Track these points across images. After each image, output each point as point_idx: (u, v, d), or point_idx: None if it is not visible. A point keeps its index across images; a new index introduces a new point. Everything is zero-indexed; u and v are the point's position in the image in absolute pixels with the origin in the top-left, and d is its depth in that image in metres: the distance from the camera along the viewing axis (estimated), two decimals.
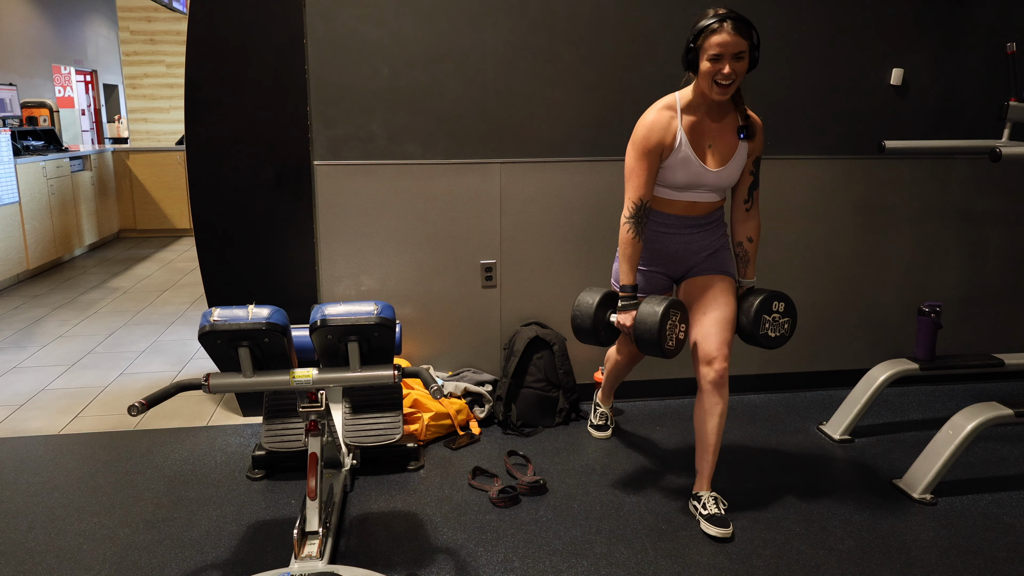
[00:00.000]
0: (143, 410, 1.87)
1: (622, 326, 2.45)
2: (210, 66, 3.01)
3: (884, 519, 2.51)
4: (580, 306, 2.52)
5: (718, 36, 2.18)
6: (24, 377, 3.83)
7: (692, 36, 2.24)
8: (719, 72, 2.20)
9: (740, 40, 2.19)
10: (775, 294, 2.49)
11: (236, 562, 2.25)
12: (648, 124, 2.34)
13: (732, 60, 2.20)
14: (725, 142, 2.39)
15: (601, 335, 2.53)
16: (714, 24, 2.18)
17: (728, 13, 2.19)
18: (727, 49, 2.18)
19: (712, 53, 2.19)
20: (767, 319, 2.45)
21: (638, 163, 2.35)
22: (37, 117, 7.43)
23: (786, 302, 2.49)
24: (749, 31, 2.21)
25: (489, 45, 3.15)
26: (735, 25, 2.18)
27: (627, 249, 2.41)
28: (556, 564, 2.25)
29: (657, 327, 2.29)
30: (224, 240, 3.16)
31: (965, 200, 3.62)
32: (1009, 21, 3.45)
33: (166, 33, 9.15)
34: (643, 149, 2.34)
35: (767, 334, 2.47)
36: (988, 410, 2.60)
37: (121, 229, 8.01)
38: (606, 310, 2.51)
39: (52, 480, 2.75)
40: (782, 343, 2.51)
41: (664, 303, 2.33)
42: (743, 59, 2.22)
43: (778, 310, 2.47)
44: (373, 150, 3.17)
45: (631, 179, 2.38)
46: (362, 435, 2.64)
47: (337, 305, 2.02)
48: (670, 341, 2.34)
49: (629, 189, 2.39)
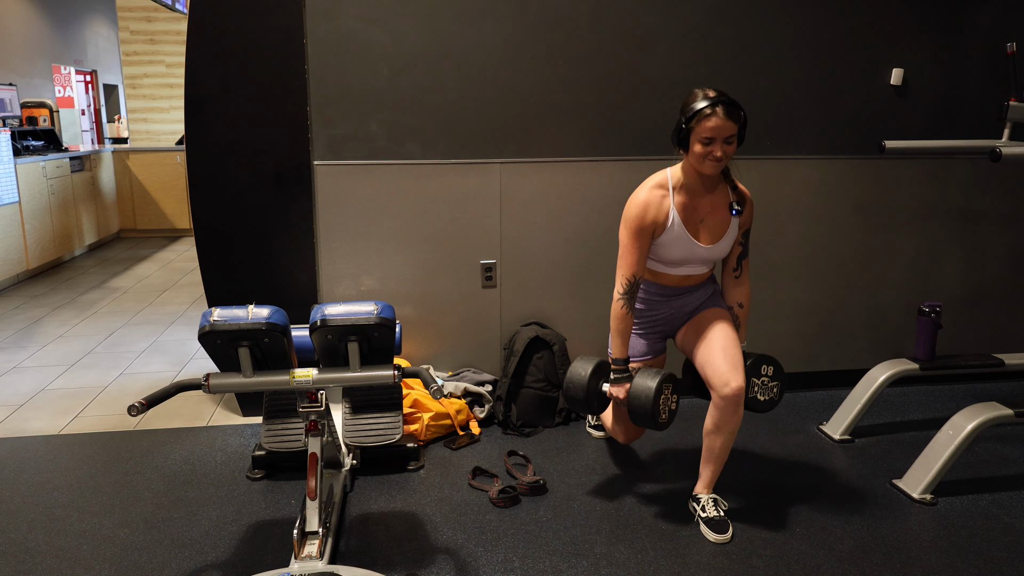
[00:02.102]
0: (143, 410, 1.87)
1: (615, 398, 2.50)
2: (210, 66, 3.01)
3: (884, 519, 2.51)
4: (573, 378, 2.54)
5: (711, 121, 2.23)
6: (24, 377, 3.83)
7: (684, 118, 2.28)
8: (711, 154, 2.26)
9: (731, 124, 2.24)
10: (764, 358, 2.51)
11: (236, 562, 2.25)
12: (641, 204, 2.38)
13: (723, 143, 2.26)
14: (717, 218, 2.44)
15: (594, 405, 2.57)
16: (707, 109, 2.23)
17: (719, 97, 2.23)
18: (719, 133, 2.24)
19: (705, 136, 2.25)
20: (756, 383, 2.48)
21: (631, 242, 2.40)
22: (37, 117, 7.43)
23: (775, 366, 2.52)
24: (739, 114, 2.26)
25: (489, 45, 3.15)
26: (727, 110, 2.23)
27: (620, 324, 2.46)
28: (556, 564, 2.25)
29: (651, 403, 2.34)
30: (224, 240, 3.16)
31: (965, 200, 3.62)
32: (1009, 21, 3.45)
33: (166, 33, 9.15)
34: (636, 228, 2.39)
35: (756, 397, 2.50)
36: (988, 410, 2.60)
37: (121, 229, 8.01)
38: (598, 380, 2.55)
39: (52, 480, 2.75)
40: (771, 407, 2.52)
41: (657, 377, 2.37)
42: (732, 142, 2.28)
43: (767, 373, 2.50)
44: (373, 150, 3.17)
45: (624, 257, 2.43)
46: (362, 435, 2.64)
47: (337, 305, 2.02)
48: (663, 415, 2.41)
49: (623, 266, 2.43)
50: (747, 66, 3.31)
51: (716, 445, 2.43)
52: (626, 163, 3.32)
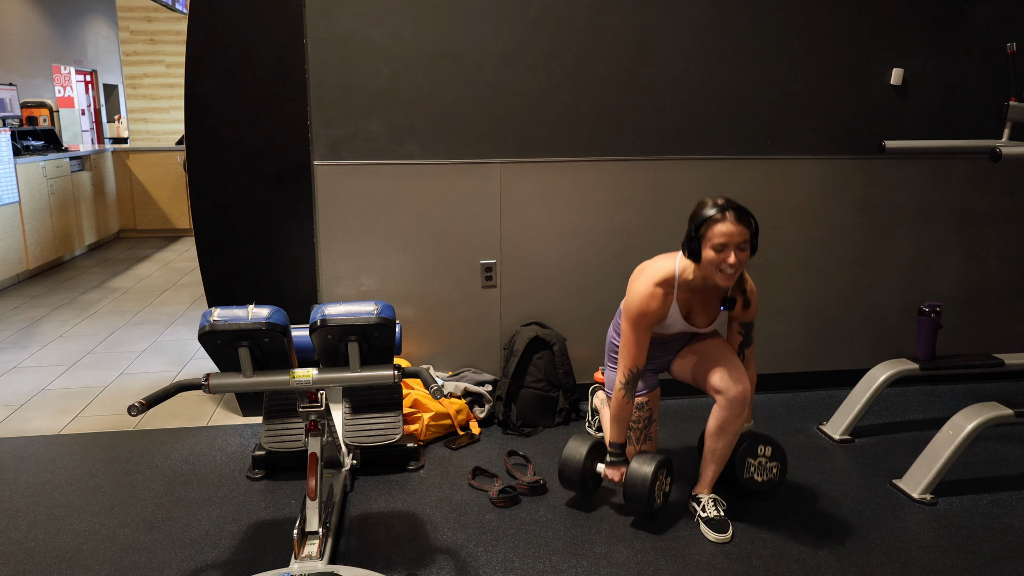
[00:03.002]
0: (143, 410, 1.87)
1: (610, 480, 2.51)
2: (210, 66, 3.01)
3: (884, 519, 2.51)
4: (568, 458, 2.54)
5: (722, 226, 2.20)
6: (24, 377, 3.84)
7: (695, 226, 2.25)
8: (724, 261, 2.22)
9: (743, 229, 2.21)
10: (761, 437, 2.52)
11: (236, 562, 2.25)
12: (644, 301, 2.37)
13: (736, 250, 2.22)
14: (713, 305, 2.46)
15: (589, 486, 2.57)
16: (717, 215, 2.21)
17: (728, 203, 2.22)
18: (732, 239, 2.20)
19: (717, 242, 2.21)
20: (752, 463, 2.49)
21: (633, 334, 2.40)
22: (37, 117, 7.43)
23: (773, 446, 2.52)
24: (749, 219, 2.24)
25: (489, 45, 3.15)
26: (737, 215, 2.21)
27: (621, 412, 2.48)
28: (556, 564, 2.25)
29: (647, 490, 2.36)
30: (224, 240, 3.16)
31: (965, 200, 3.62)
32: (1009, 21, 3.45)
33: (166, 33, 9.14)
34: (639, 323, 2.39)
35: (752, 478, 2.50)
36: (988, 410, 2.60)
37: (121, 229, 8.01)
38: (594, 461, 2.56)
39: (52, 480, 2.75)
40: (771, 488, 2.53)
41: (653, 463, 2.38)
42: (746, 249, 2.24)
43: (764, 454, 2.51)
44: (373, 150, 3.17)
45: (628, 348, 2.42)
46: (362, 435, 2.64)
47: (337, 305, 2.02)
48: (658, 500, 2.42)
49: (626, 357, 2.43)
50: (747, 66, 3.31)
51: (719, 446, 2.43)
52: (626, 163, 3.33)
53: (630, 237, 3.39)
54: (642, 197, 3.37)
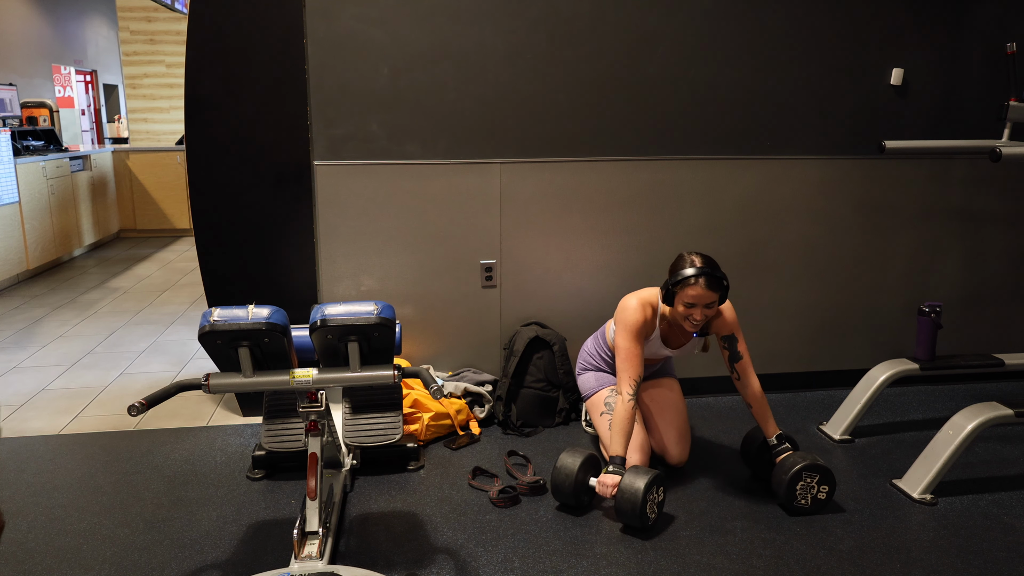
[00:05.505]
0: (143, 410, 1.87)
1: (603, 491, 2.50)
2: (210, 66, 3.01)
3: (884, 519, 2.51)
4: (561, 471, 2.53)
5: (693, 290, 2.49)
6: (24, 377, 3.84)
7: (672, 281, 2.53)
8: (692, 316, 2.53)
9: (711, 294, 2.49)
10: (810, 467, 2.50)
11: (236, 562, 2.25)
12: (639, 316, 2.63)
13: (704, 308, 2.52)
14: (687, 333, 2.74)
15: (583, 499, 2.57)
16: (691, 279, 2.48)
17: (702, 269, 2.48)
18: (700, 301, 2.50)
19: (688, 301, 2.51)
20: (798, 490, 2.52)
21: (632, 346, 2.62)
22: (37, 117, 7.43)
23: (821, 472, 2.52)
24: (719, 284, 2.50)
25: (489, 45, 3.15)
26: (708, 282, 2.48)
27: (625, 425, 2.55)
28: (556, 564, 2.25)
29: (639, 505, 2.36)
30: (224, 240, 3.16)
31: (965, 200, 3.62)
32: (1009, 21, 3.45)
33: (166, 33, 9.14)
34: (636, 335, 2.63)
35: (799, 503, 2.53)
36: (988, 410, 2.60)
37: (121, 229, 8.01)
38: (586, 474, 2.55)
39: (52, 480, 2.75)
40: (821, 507, 2.55)
41: (646, 478, 2.39)
42: (713, 307, 2.53)
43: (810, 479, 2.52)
44: (373, 150, 3.17)
45: (629, 360, 2.61)
46: (362, 435, 2.64)
47: (337, 305, 2.02)
48: (651, 515, 2.43)
49: (629, 369, 2.60)
50: (747, 66, 3.31)
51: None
52: (626, 163, 3.33)
53: (630, 237, 3.39)
54: (642, 197, 3.37)
